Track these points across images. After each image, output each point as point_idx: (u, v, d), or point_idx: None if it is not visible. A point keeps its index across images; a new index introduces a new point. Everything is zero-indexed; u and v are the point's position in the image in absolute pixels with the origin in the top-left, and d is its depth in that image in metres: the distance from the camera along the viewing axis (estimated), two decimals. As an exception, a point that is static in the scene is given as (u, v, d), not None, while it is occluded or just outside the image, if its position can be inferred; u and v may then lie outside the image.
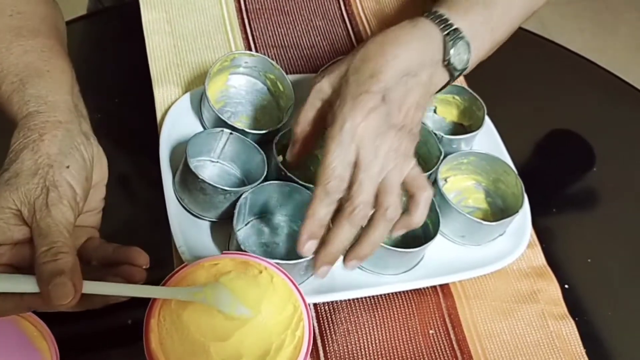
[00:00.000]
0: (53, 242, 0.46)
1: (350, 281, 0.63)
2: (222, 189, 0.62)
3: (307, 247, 0.55)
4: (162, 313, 0.50)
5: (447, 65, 0.58)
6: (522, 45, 0.87)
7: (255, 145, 0.66)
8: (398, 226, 0.57)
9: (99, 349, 0.60)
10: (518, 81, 0.86)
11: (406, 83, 0.56)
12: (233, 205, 0.63)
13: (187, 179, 0.63)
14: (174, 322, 0.50)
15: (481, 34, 0.60)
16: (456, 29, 0.58)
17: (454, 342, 0.63)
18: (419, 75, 0.57)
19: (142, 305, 0.51)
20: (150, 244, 0.66)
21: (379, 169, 0.54)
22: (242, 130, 0.67)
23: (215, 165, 0.69)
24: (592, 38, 2.10)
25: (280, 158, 0.65)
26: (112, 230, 0.66)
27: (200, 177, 0.61)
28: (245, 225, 0.66)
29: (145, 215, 0.68)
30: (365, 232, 0.56)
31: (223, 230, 0.64)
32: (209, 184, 0.61)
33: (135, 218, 0.68)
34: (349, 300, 0.64)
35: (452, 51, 0.57)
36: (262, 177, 0.64)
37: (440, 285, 0.66)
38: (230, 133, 0.66)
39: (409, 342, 0.63)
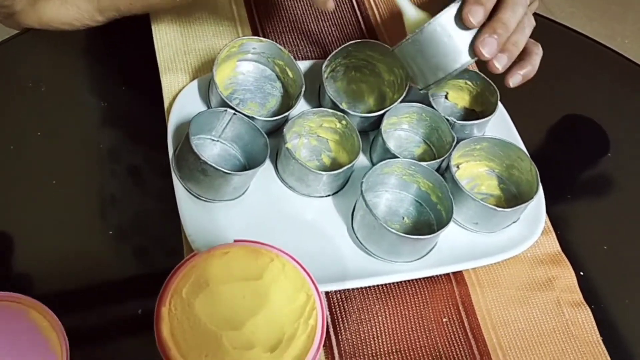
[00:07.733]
0: None
1: (362, 269, 0.63)
2: (223, 171, 0.61)
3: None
4: (173, 302, 0.49)
5: None
6: (534, 29, 0.85)
7: (259, 128, 0.65)
8: None
9: (109, 339, 0.59)
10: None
11: None
12: (232, 187, 0.62)
13: (188, 159, 0.62)
14: (185, 311, 0.49)
15: None
16: None
17: (467, 331, 0.62)
18: None
19: (153, 294, 0.50)
20: (159, 233, 0.66)
21: None
22: (251, 117, 0.66)
23: (215, 145, 0.68)
24: (600, 26, 2.08)
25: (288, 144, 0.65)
26: (121, 219, 0.66)
27: (202, 158, 0.60)
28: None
29: (153, 204, 0.67)
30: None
31: (233, 214, 0.64)
32: (211, 166, 0.60)
33: (143, 206, 0.67)
34: (361, 288, 0.63)
35: None
36: (265, 160, 0.63)
37: (454, 273, 0.65)
38: (234, 113, 0.65)
39: (422, 330, 0.62)
